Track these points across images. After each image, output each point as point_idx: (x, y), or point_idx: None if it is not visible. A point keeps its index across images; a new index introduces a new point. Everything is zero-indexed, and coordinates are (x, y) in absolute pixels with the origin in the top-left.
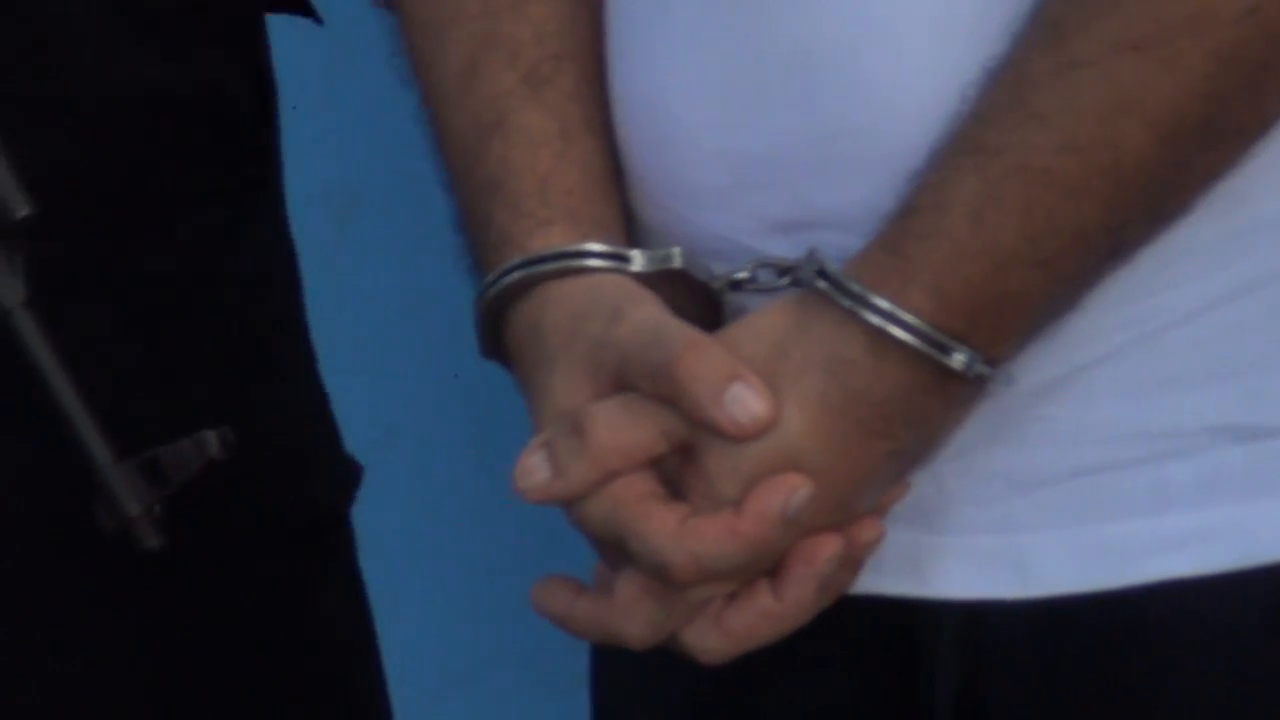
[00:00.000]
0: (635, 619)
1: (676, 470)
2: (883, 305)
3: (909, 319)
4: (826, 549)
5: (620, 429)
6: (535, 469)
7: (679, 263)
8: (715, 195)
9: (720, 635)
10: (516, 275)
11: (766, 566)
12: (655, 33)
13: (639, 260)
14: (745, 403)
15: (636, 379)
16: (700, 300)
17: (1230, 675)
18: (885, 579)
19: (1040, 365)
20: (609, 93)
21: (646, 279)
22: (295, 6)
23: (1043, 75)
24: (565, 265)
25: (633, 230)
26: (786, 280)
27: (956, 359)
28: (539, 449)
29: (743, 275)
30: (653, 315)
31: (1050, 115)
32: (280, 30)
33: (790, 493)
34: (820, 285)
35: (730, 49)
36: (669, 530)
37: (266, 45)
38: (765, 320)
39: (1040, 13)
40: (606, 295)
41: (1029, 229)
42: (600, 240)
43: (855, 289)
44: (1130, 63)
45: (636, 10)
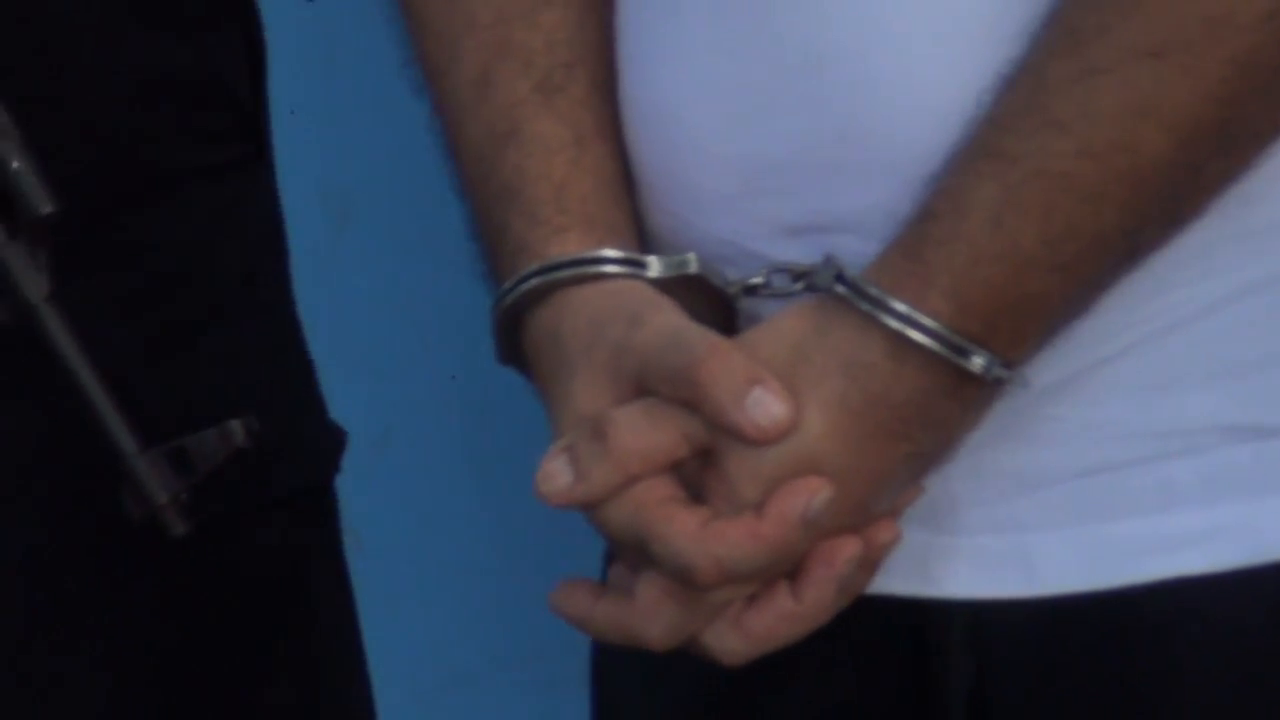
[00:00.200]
0: (657, 621)
1: (696, 474)
2: (901, 309)
3: (928, 323)
4: (846, 551)
5: (642, 433)
6: (557, 473)
7: (695, 268)
8: (726, 201)
9: (740, 637)
10: (534, 282)
11: (786, 569)
12: (665, 39)
13: (655, 266)
14: (766, 406)
15: (657, 383)
16: (714, 305)
17: (1236, 672)
18: (893, 579)
19: (1046, 366)
20: (619, 99)
21: (662, 284)
22: None
23: (1061, 81)
24: (582, 271)
25: (642, 237)
26: (801, 285)
27: (975, 362)
28: (561, 453)
29: (757, 280)
30: (673, 320)
31: (1069, 121)
32: (280, 35)
33: (811, 495)
34: (839, 290)
35: (740, 54)
36: (692, 533)
37: (259, 24)
38: (784, 324)
39: (1058, 19)
40: (625, 301)
41: (1047, 233)
42: (616, 246)
43: (874, 293)
44: (1149, 68)
45: (646, 17)
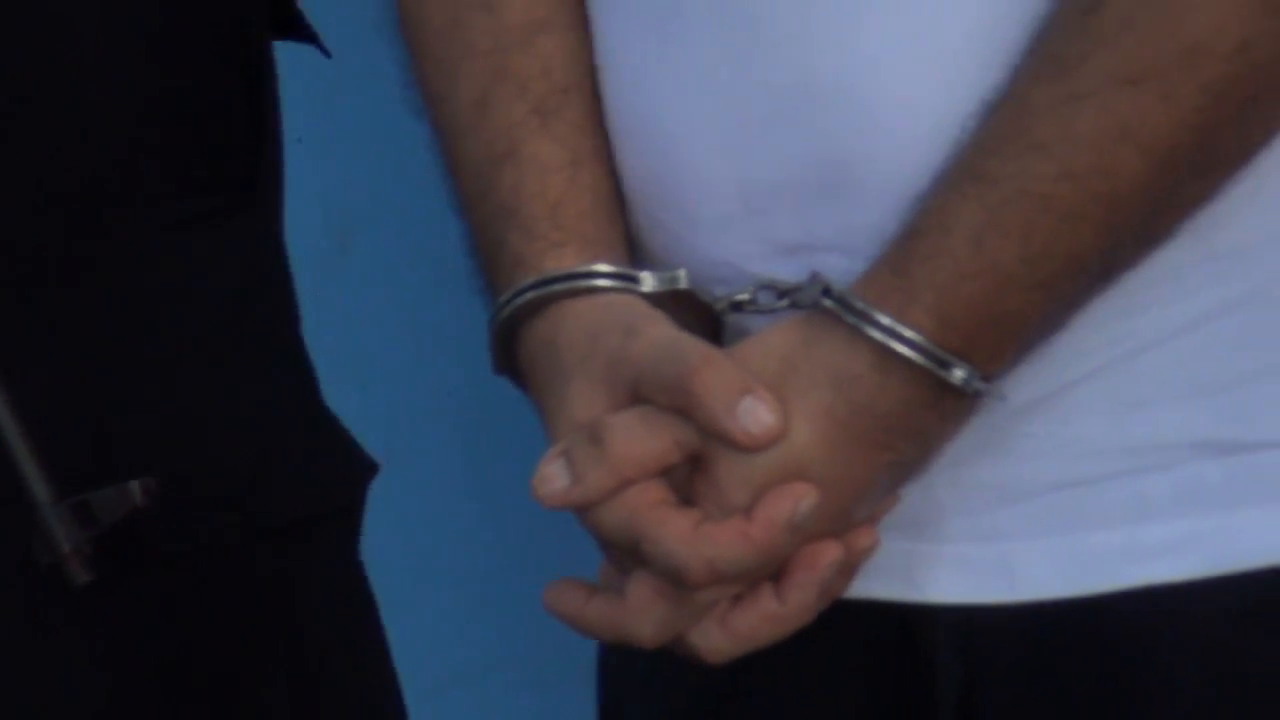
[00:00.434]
0: (647, 620)
1: (686, 479)
2: (886, 322)
3: (912, 336)
4: (828, 555)
5: (637, 439)
6: (554, 476)
7: (685, 283)
8: (720, 221)
9: (725, 635)
10: (530, 295)
11: (771, 571)
12: (660, 63)
13: (648, 281)
14: (757, 414)
15: (652, 392)
16: (702, 320)
17: (1211, 673)
18: (880, 584)
19: (1024, 384)
20: (609, 121)
21: (653, 299)
22: (303, 36)
23: (1043, 106)
24: (577, 285)
25: (635, 254)
26: (785, 302)
27: (956, 375)
28: (557, 457)
29: (743, 297)
30: (667, 332)
31: (1049, 144)
32: (283, 54)
33: (798, 501)
34: (827, 304)
35: (734, 79)
36: (683, 535)
37: (271, 68)
38: (774, 337)
39: (1040, 47)
40: (620, 313)
41: (1027, 252)
42: (609, 262)
43: (860, 307)
44: (1127, 95)
45: (639, 43)
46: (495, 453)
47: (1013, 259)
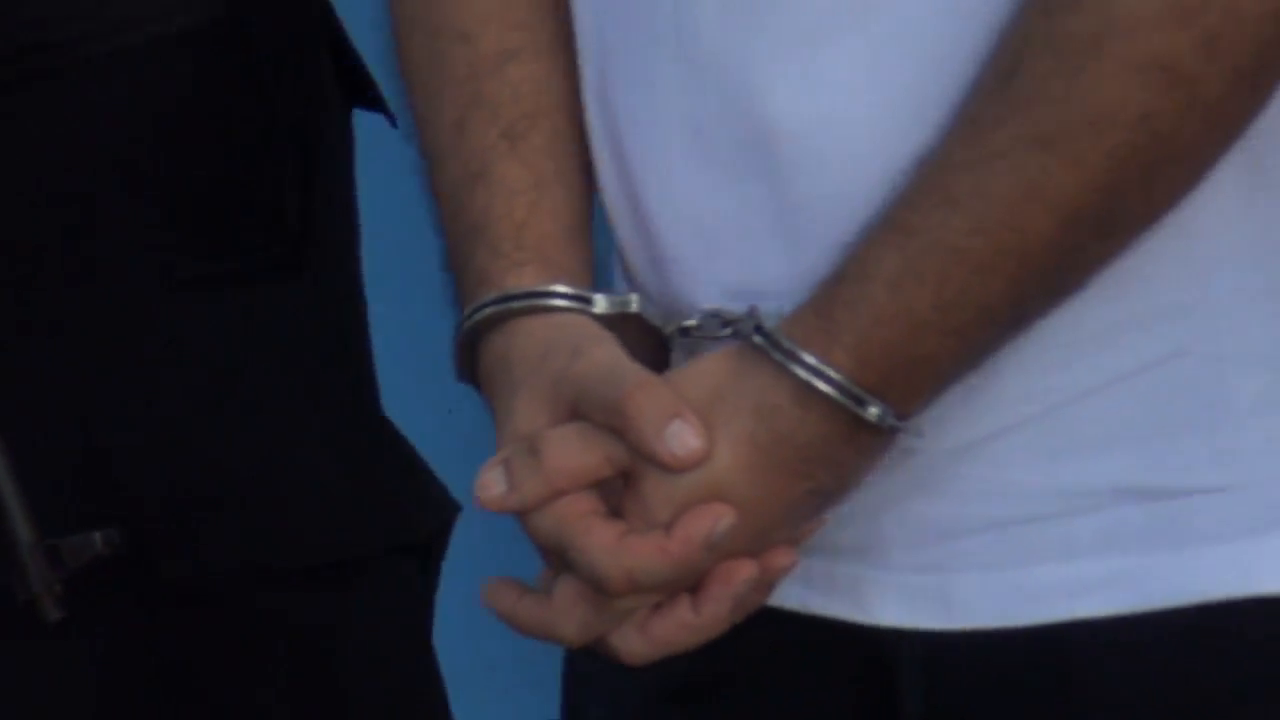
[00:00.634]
0: (569, 621)
1: (618, 493)
2: (810, 361)
3: (832, 374)
4: (743, 573)
5: (571, 453)
6: (493, 483)
7: (636, 307)
8: (679, 259)
9: (643, 640)
10: (490, 310)
11: (689, 584)
12: (638, 111)
13: (600, 303)
14: (683, 438)
15: (590, 410)
16: (653, 343)
17: (1137, 703)
18: (835, 603)
19: (958, 430)
20: (591, 144)
21: (606, 320)
22: (374, 106)
23: (960, 164)
24: (534, 304)
25: (596, 277)
26: (729, 331)
27: (871, 412)
28: (497, 465)
29: (691, 323)
30: (609, 355)
31: (964, 200)
32: None
33: (716, 520)
34: (756, 340)
35: (706, 129)
36: (606, 545)
37: (334, 136)
38: (707, 366)
39: (962, 110)
40: (569, 334)
41: (941, 300)
42: (567, 283)
43: (787, 345)
44: (1037, 157)
45: (621, 95)
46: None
47: (927, 306)
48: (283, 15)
